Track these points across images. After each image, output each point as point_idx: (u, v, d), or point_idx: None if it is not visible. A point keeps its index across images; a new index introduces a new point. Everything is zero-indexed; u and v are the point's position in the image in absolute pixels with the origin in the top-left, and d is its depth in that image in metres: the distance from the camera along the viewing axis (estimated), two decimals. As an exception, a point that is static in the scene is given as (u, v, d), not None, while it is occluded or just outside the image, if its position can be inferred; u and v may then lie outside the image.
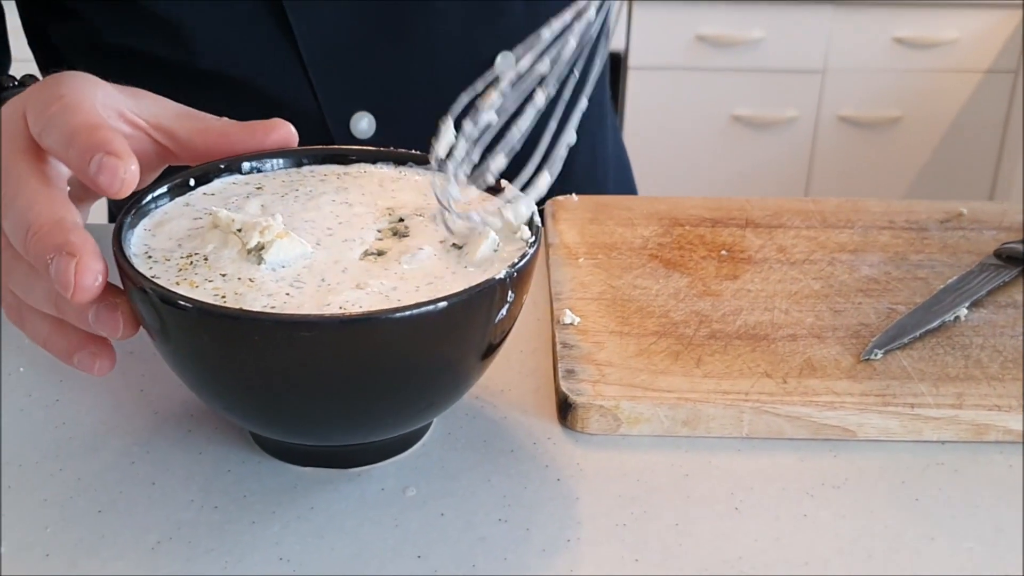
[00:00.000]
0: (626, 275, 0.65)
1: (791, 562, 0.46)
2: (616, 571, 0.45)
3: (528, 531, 0.48)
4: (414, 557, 0.46)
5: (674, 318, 0.61)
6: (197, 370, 0.46)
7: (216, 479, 0.50)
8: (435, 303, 0.43)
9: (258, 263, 0.47)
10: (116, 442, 0.52)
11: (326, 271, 0.47)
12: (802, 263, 0.67)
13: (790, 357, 0.57)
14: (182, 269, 0.47)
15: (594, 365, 0.56)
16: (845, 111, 2.58)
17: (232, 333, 0.42)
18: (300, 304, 0.44)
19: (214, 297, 0.44)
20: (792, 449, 0.53)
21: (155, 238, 0.49)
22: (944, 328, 0.60)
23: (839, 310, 0.62)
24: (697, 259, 0.68)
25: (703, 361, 0.57)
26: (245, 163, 0.55)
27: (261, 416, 0.47)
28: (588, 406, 0.53)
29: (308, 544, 0.46)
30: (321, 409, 0.46)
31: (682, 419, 0.53)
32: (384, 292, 0.46)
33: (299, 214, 0.52)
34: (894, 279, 0.66)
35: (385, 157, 0.58)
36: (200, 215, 0.52)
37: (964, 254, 0.69)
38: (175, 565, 0.45)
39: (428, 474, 0.51)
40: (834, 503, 0.50)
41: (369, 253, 0.49)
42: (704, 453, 0.53)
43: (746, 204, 0.75)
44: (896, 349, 0.58)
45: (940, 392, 0.55)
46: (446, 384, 0.48)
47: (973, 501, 0.50)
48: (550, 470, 0.52)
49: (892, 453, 0.53)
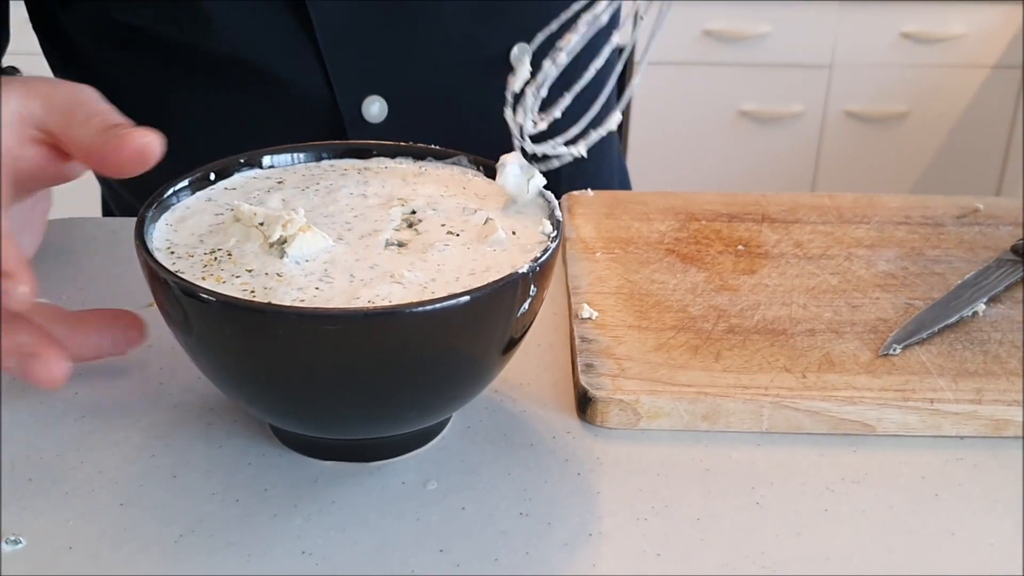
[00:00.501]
0: (643, 269, 0.65)
1: (812, 557, 0.46)
2: (638, 566, 0.45)
3: (550, 525, 0.48)
4: (436, 551, 0.46)
5: (692, 313, 0.61)
6: (221, 364, 0.46)
7: (237, 472, 0.50)
8: (458, 297, 0.43)
9: (280, 257, 0.47)
10: (137, 435, 0.53)
11: (351, 264, 0.47)
12: (819, 258, 0.67)
13: (809, 352, 0.57)
14: (207, 265, 0.47)
15: (613, 359, 0.56)
16: (852, 106, 2.58)
17: (258, 327, 0.42)
18: (330, 298, 0.44)
19: (243, 292, 0.44)
20: (812, 444, 0.53)
21: (177, 233, 0.50)
22: (962, 323, 0.60)
23: (857, 305, 0.62)
24: (714, 254, 0.68)
25: (722, 356, 0.57)
26: (266, 158, 0.55)
27: (284, 409, 0.47)
28: (608, 400, 0.53)
29: (330, 538, 0.46)
30: (344, 402, 0.46)
31: (702, 414, 0.53)
32: (423, 283, 0.46)
33: (319, 208, 0.52)
34: (911, 274, 0.66)
35: (405, 152, 0.58)
36: (221, 210, 0.52)
37: (981, 250, 0.69)
38: (198, 558, 0.45)
39: (448, 468, 0.51)
40: (854, 498, 0.50)
41: (391, 244, 0.49)
42: (724, 447, 0.53)
43: (762, 199, 0.75)
44: (915, 344, 0.58)
45: (959, 387, 0.55)
46: (468, 377, 0.48)
47: (993, 496, 0.50)
48: (570, 464, 0.52)
49: (911, 448, 0.53)
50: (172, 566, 0.45)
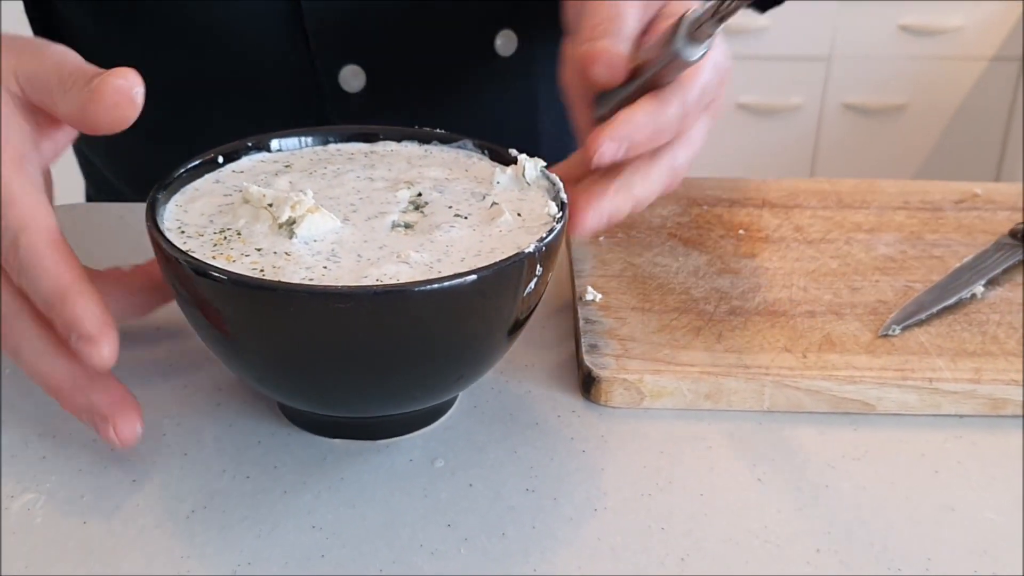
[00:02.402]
0: (646, 253, 0.66)
1: (813, 532, 0.47)
2: (643, 540, 0.46)
3: (555, 500, 0.48)
4: (444, 526, 0.47)
5: (694, 295, 0.62)
6: (232, 342, 0.47)
7: (247, 450, 0.51)
8: (465, 276, 0.43)
9: (289, 237, 0.48)
10: (147, 415, 0.53)
11: (359, 244, 0.48)
12: (819, 242, 0.68)
13: (809, 333, 0.58)
14: (217, 244, 0.47)
15: (617, 340, 0.57)
16: (850, 98, 2.59)
17: (268, 304, 0.43)
18: (338, 277, 0.45)
19: (252, 270, 0.45)
20: (812, 422, 0.54)
21: (187, 213, 0.50)
22: (961, 305, 0.61)
23: (856, 287, 0.63)
24: (715, 238, 0.68)
25: (724, 336, 0.58)
26: (273, 141, 0.56)
27: (293, 387, 0.48)
28: (612, 380, 0.54)
29: (340, 513, 0.47)
30: (352, 380, 0.47)
31: (704, 393, 0.54)
32: (428, 263, 0.46)
33: (325, 191, 0.53)
34: (910, 258, 0.67)
35: (410, 136, 0.59)
36: (230, 192, 0.52)
37: (979, 234, 0.70)
38: (210, 533, 0.46)
39: (455, 446, 0.52)
40: (855, 475, 0.51)
41: (397, 226, 0.50)
42: (726, 426, 0.54)
43: (762, 185, 0.76)
44: (914, 325, 0.59)
45: (958, 367, 0.55)
46: (475, 357, 0.49)
47: (991, 473, 0.51)
48: (575, 442, 0.52)
49: (911, 427, 0.54)
50: (185, 540, 0.45)
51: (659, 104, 0.53)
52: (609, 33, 0.55)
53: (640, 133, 0.53)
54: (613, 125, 0.53)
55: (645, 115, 0.53)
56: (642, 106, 0.53)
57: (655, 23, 0.57)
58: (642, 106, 0.53)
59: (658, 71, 0.53)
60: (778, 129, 2.62)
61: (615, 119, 0.53)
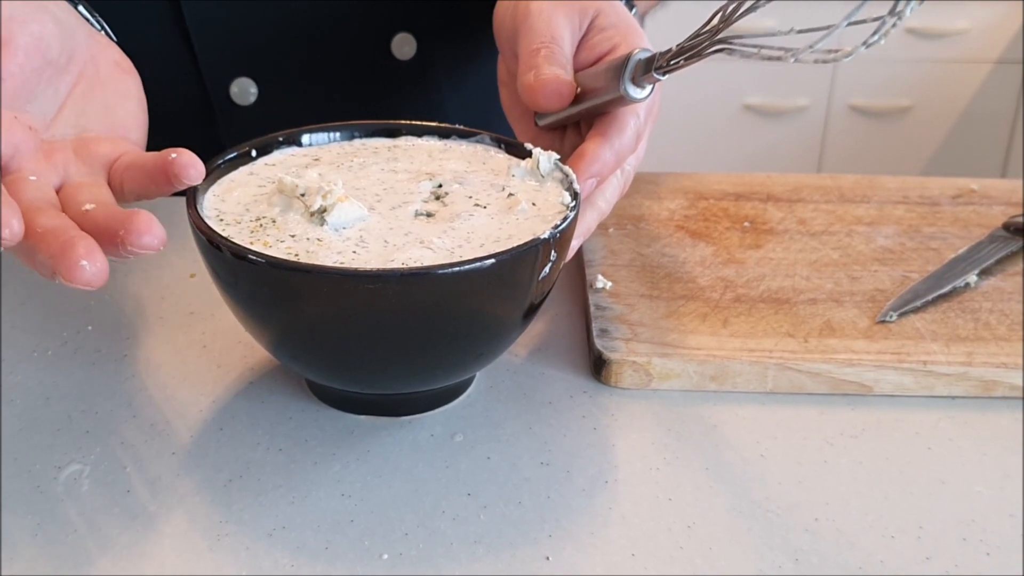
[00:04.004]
0: (654, 244, 0.69)
1: (813, 503, 0.50)
2: (652, 509, 0.49)
3: (569, 473, 0.51)
4: (465, 495, 0.50)
5: (701, 283, 0.65)
6: (267, 322, 0.50)
7: (279, 425, 0.54)
8: (484, 259, 0.47)
9: (320, 224, 0.51)
10: (183, 393, 0.56)
11: (385, 231, 0.51)
12: (821, 234, 0.71)
13: (811, 319, 0.61)
14: (254, 231, 0.50)
15: (626, 325, 0.60)
16: (856, 100, 2.61)
17: (303, 286, 0.46)
18: (367, 260, 0.48)
19: (288, 255, 0.48)
20: (813, 403, 0.57)
21: (224, 203, 0.53)
22: (955, 293, 0.64)
23: (856, 277, 0.66)
24: (721, 230, 0.71)
25: (729, 322, 0.61)
26: (304, 136, 0.59)
27: (324, 365, 0.51)
28: (622, 362, 0.57)
29: (368, 482, 0.50)
30: (379, 358, 0.50)
31: (710, 374, 0.57)
32: (450, 248, 0.49)
33: (352, 182, 0.56)
34: (908, 249, 0.70)
35: (431, 131, 0.62)
36: (264, 183, 0.55)
37: (974, 227, 0.73)
38: (247, 500, 0.49)
39: (474, 422, 0.55)
40: (852, 451, 0.54)
41: (420, 214, 0.53)
42: (731, 406, 0.57)
43: (767, 180, 0.79)
44: (910, 312, 0.62)
45: (951, 351, 0.58)
46: (492, 337, 0.52)
47: (981, 450, 0.54)
48: (587, 420, 0.55)
49: (906, 407, 0.57)
50: (223, 507, 0.49)
51: (617, 134, 0.56)
52: (551, 59, 0.58)
53: (607, 166, 0.56)
54: (585, 164, 0.55)
55: (608, 150, 0.56)
56: (602, 140, 0.56)
57: (589, 36, 0.60)
58: (602, 140, 0.56)
59: (606, 102, 0.56)
60: (784, 130, 2.64)
61: (582, 157, 0.56)
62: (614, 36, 0.59)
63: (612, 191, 0.60)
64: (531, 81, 0.57)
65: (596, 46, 0.59)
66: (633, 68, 0.53)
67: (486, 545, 0.47)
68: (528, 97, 0.58)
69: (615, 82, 0.54)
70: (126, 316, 0.63)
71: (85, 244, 0.44)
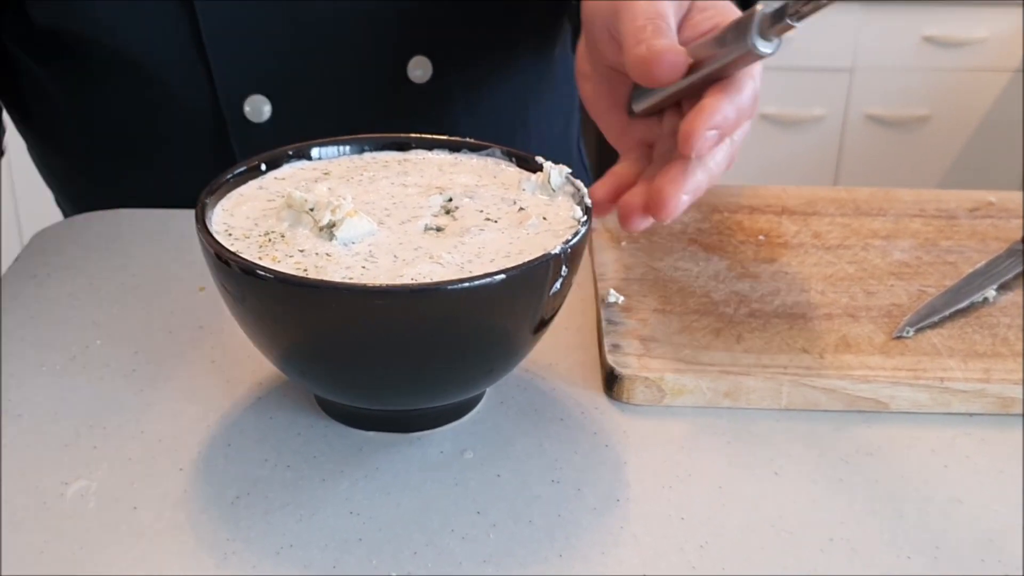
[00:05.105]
0: (667, 258, 0.68)
1: (827, 522, 0.49)
2: (663, 528, 0.49)
3: (580, 491, 0.51)
4: (474, 513, 0.49)
5: (715, 298, 0.64)
6: (276, 337, 0.49)
7: (287, 441, 0.54)
8: (494, 275, 0.46)
9: (329, 239, 0.50)
10: (192, 408, 0.56)
11: (395, 246, 0.50)
12: (836, 248, 0.70)
13: (826, 334, 0.60)
14: (262, 245, 0.50)
15: (639, 340, 0.59)
16: (873, 110, 2.60)
17: (312, 301, 0.46)
18: (375, 276, 0.48)
19: (296, 270, 0.48)
20: (828, 420, 0.56)
21: (233, 217, 0.53)
22: (972, 309, 0.63)
23: (872, 292, 0.65)
24: (736, 243, 0.71)
25: (743, 337, 0.60)
26: (313, 150, 0.59)
27: (333, 380, 0.51)
28: (634, 378, 0.57)
29: (376, 500, 0.50)
30: (388, 373, 0.49)
31: (724, 391, 0.57)
32: (460, 264, 0.49)
33: (361, 196, 0.56)
34: (925, 263, 0.69)
35: (441, 144, 0.61)
36: (273, 197, 0.55)
37: (992, 240, 0.72)
38: (254, 518, 0.49)
39: (484, 439, 0.54)
40: (868, 469, 0.53)
41: (429, 229, 0.52)
42: (744, 423, 0.56)
43: (782, 193, 0.78)
44: (927, 328, 0.61)
45: (968, 367, 0.58)
46: (503, 353, 0.52)
47: (999, 468, 0.53)
48: (598, 437, 0.55)
49: (922, 424, 0.56)
50: (230, 524, 0.48)
51: (736, 92, 0.56)
52: (660, 32, 0.57)
53: (728, 121, 0.56)
54: (706, 115, 0.55)
55: (729, 103, 0.56)
56: (723, 95, 0.56)
57: (690, 16, 0.60)
58: (723, 95, 0.56)
59: (725, 65, 0.55)
60: (801, 140, 2.64)
61: (703, 110, 0.55)
62: (715, 16, 0.59)
63: (723, 156, 0.59)
64: (644, 53, 0.56)
65: (698, 25, 0.59)
66: (762, 19, 0.52)
67: (495, 564, 0.46)
68: (641, 71, 0.57)
69: (741, 39, 0.53)
70: (134, 330, 0.63)
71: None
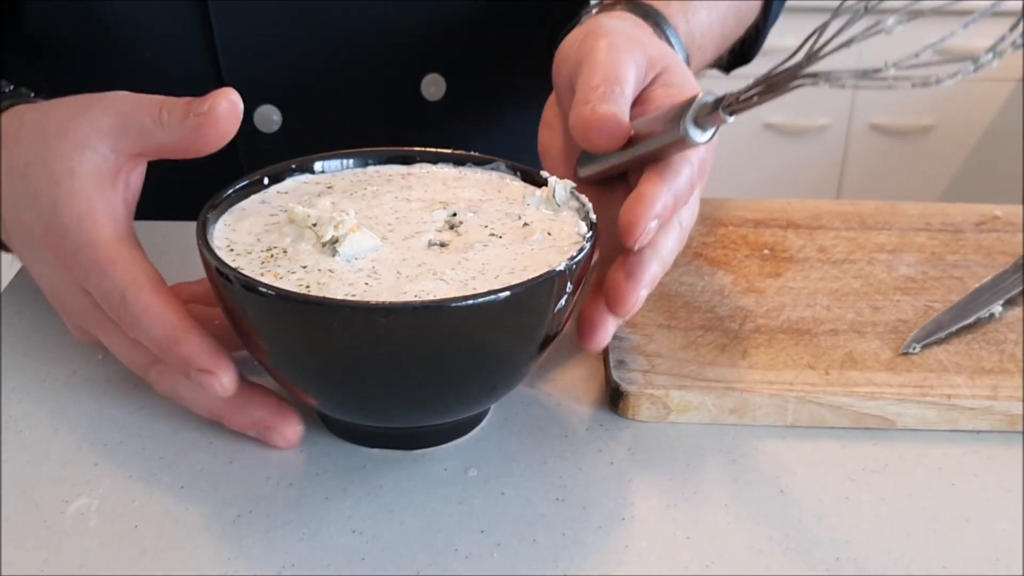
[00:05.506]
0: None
1: (834, 540, 0.49)
2: (669, 547, 0.48)
3: (584, 509, 0.50)
4: (478, 532, 0.49)
5: (720, 313, 0.64)
6: (278, 354, 0.49)
7: (290, 458, 0.53)
8: (498, 292, 0.46)
9: (332, 255, 0.50)
10: (192, 424, 0.56)
11: (398, 262, 0.50)
12: (842, 262, 0.70)
13: (832, 350, 0.60)
14: (264, 261, 0.50)
15: (644, 356, 0.59)
16: (877, 119, 2.60)
17: (314, 319, 0.45)
18: (379, 293, 0.47)
19: (298, 286, 0.47)
20: (834, 437, 0.56)
21: (235, 232, 0.53)
22: (979, 324, 0.63)
23: (878, 307, 0.65)
24: (741, 258, 0.70)
25: (749, 353, 0.60)
26: (316, 163, 0.59)
27: (336, 397, 0.50)
28: (639, 395, 0.56)
29: (379, 519, 0.49)
30: (392, 391, 0.49)
31: (729, 407, 0.56)
32: (463, 280, 0.49)
33: (364, 211, 0.55)
34: (931, 278, 0.68)
35: (446, 158, 0.61)
36: (276, 211, 0.55)
37: (998, 255, 0.71)
38: (256, 536, 0.48)
39: (488, 456, 0.54)
40: (874, 487, 0.52)
41: (433, 244, 0.52)
42: (751, 439, 0.56)
43: (787, 206, 0.78)
44: (933, 344, 0.61)
45: (976, 384, 0.57)
46: (507, 370, 0.51)
47: (1006, 486, 0.53)
48: (603, 454, 0.54)
49: (930, 442, 0.56)
50: (232, 543, 0.48)
51: (673, 176, 0.53)
52: (609, 98, 0.55)
53: (666, 208, 0.53)
54: (647, 205, 0.52)
55: (666, 189, 0.53)
56: (659, 181, 0.53)
57: (651, 90, 0.58)
58: (659, 181, 0.53)
59: (664, 146, 0.53)
60: (805, 149, 2.63)
61: (641, 199, 0.52)
62: (676, 96, 0.56)
63: (673, 241, 0.56)
64: (587, 115, 0.54)
65: (655, 99, 0.57)
66: (698, 108, 0.51)
67: (499, 584, 0.46)
68: (580, 132, 0.55)
69: (675, 123, 0.51)
70: (138, 345, 0.62)
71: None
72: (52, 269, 0.54)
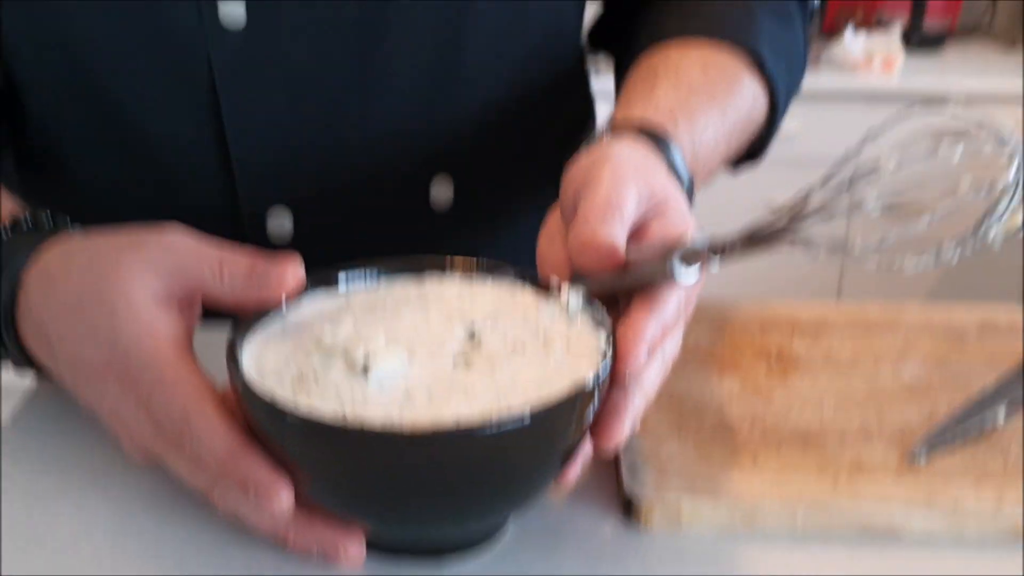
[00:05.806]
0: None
1: (846, 651, 0.50)
2: (685, 658, 0.49)
3: (602, 622, 0.52)
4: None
5: (729, 417, 0.65)
6: (305, 475, 0.50)
7: (308, 560, 0.55)
8: (523, 418, 0.47)
9: (362, 377, 0.52)
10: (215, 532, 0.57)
11: (429, 383, 0.52)
12: (848, 367, 0.72)
13: (839, 457, 0.62)
14: (295, 387, 0.51)
15: (655, 464, 0.61)
16: (880, 201, 2.62)
17: (350, 446, 0.48)
18: (415, 416, 0.49)
19: (334, 413, 0.49)
20: (843, 544, 0.57)
21: (264, 357, 0.54)
22: (984, 430, 0.65)
23: (884, 413, 0.67)
24: (748, 361, 0.72)
25: (759, 460, 0.61)
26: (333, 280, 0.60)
27: (364, 514, 0.53)
28: (651, 504, 0.58)
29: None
30: (422, 511, 0.51)
31: (740, 515, 0.58)
32: (494, 398, 0.51)
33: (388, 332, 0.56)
34: (935, 383, 0.70)
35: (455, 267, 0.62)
36: (301, 335, 0.56)
37: (1002, 357, 0.73)
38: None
39: (505, 563, 0.55)
40: (884, 596, 0.54)
41: (458, 362, 0.54)
42: (762, 546, 0.57)
43: (792, 310, 0.80)
44: (939, 449, 0.62)
45: (981, 493, 0.59)
46: (535, 485, 0.53)
47: (1013, 596, 0.54)
48: (617, 564, 0.56)
49: (937, 550, 0.57)
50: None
51: (661, 307, 0.55)
52: (608, 221, 0.56)
53: (655, 339, 0.54)
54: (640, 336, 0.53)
55: (654, 320, 0.54)
56: (647, 311, 0.54)
57: (648, 220, 0.59)
58: (647, 311, 0.54)
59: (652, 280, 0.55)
60: (808, 231, 2.65)
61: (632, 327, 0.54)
62: (671, 230, 0.58)
63: (655, 375, 0.57)
64: (587, 237, 0.56)
65: (651, 231, 0.59)
66: (686, 251, 0.53)
67: None
68: (576, 251, 0.57)
69: (663, 261, 0.53)
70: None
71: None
72: (115, 396, 0.54)
